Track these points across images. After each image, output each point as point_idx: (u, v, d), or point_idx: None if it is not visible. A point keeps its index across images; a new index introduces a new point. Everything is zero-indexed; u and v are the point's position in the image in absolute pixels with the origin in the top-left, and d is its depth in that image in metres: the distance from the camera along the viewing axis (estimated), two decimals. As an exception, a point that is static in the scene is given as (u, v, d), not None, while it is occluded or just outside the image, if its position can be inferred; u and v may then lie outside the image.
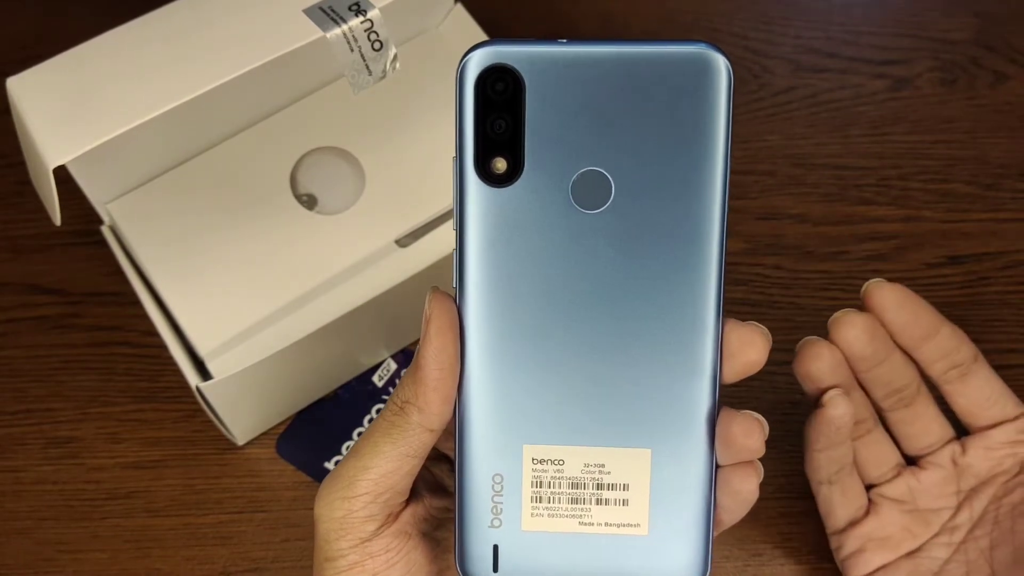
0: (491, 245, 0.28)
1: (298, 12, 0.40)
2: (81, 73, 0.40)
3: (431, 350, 0.28)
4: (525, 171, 0.27)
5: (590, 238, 0.28)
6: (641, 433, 0.29)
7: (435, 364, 0.28)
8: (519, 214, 0.28)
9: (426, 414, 0.28)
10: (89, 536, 0.46)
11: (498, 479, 0.29)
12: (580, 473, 0.29)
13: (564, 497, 0.29)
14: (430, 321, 0.28)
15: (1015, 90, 0.57)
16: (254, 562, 0.46)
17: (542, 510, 0.29)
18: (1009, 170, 0.55)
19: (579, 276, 0.28)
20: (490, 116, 0.27)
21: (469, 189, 0.28)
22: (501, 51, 0.27)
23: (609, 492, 0.29)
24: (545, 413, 0.29)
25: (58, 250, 0.53)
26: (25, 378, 0.50)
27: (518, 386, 0.28)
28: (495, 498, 0.29)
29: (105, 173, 0.46)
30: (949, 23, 0.60)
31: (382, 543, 0.30)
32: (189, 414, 0.49)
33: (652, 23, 0.60)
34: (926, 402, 0.39)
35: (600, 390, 0.28)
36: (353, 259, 0.47)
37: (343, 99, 0.50)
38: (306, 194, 0.49)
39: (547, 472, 0.29)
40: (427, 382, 0.28)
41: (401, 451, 0.29)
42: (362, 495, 0.29)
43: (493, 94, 0.27)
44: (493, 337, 0.28)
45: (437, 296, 0.28)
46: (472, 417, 0.29)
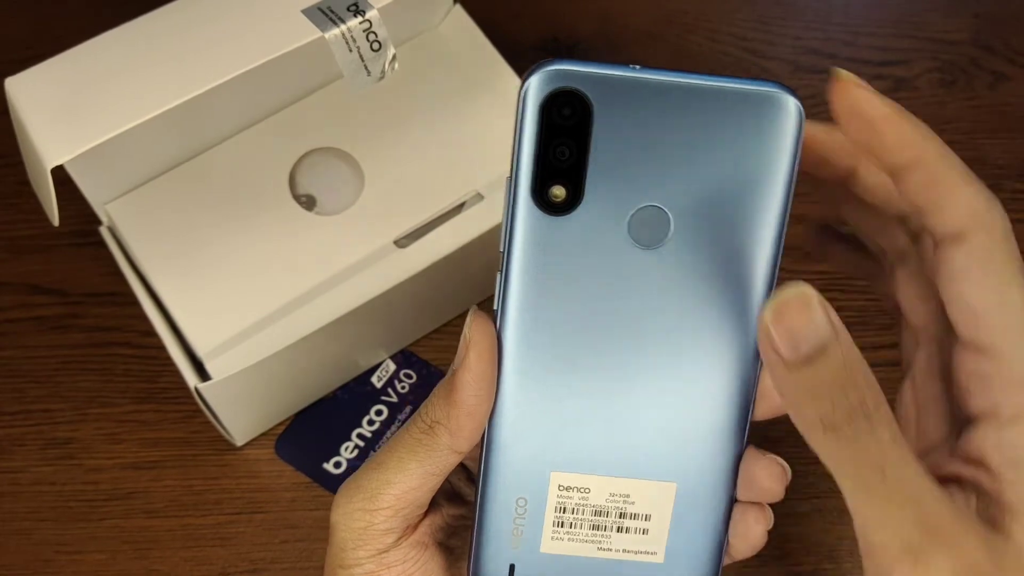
0: (539, 272, 0.27)
1: (297, 12, 0.40)
2: (80, 73, 0.40)
3: (470, 377, 0.27)
4: (584, 202, 0.26)
5: (640, 275, 0.27)
6: (669, 467, 0.29)
7: (472, 391, 0.27)
8: (572, 245, 0.26)
9: (457, 438, 0.28)
10: (88, 537, 0.46)
11: (522, 502, 0.29)
12: (604, 502, 0.29)
13: (586, 523, 0.29)
14: (471, 346, 0.27)
15: (1014, 91, 0.57)
16: (253, 563, 0.46)
17: (562, 534, 0.29)
18: (1008, 171, 0.55)
19: (623, 310, 0.27)
20: (553, 142, 0.26)
21: (522, 215, 0.26)
22: (570, 73, 0.25)
23: (631, 521, 0.29)
24: (576, 442, 0.28)
25: (57, 251, 0.53)
26: (24, 378, 0.50)
27: (551, 413, 0.28)
28: (516, 520, 0.29)
29: (104, 174, 0.46)
30: (948, 24, 0.60)
31: (399, 554, 0.30)
32: (188, 415, 0.49)
33: (652, 23, 0.60)
34: None
35: (633, 423, 0.28)
36: (352, 260, 0.47)
37: (342, 100, 0.50)
38: (305, 195, 0.49)
39: (572, 499, 0.29)
40: (462, 407, 0.28)
41: (427, 470, 0.29)
42: (384, 509, 0.29)
43: (559, 119, 0.25)
44: (530, 363, 0.28)
45: (479, 320, 0.27)
46: (502, 440, 0.28)
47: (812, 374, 0.23)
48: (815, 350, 0.23)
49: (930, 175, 0.26)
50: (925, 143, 0.26)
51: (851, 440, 0.23)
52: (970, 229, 0.25)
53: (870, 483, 0.23)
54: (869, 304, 0.50)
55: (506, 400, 0.28)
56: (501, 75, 0.50)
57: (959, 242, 0.25)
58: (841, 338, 0.23)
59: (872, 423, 0.23)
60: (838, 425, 0.23)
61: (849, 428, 0.23)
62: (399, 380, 0.50)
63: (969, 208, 0.25)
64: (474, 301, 0.52)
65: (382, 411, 0.49)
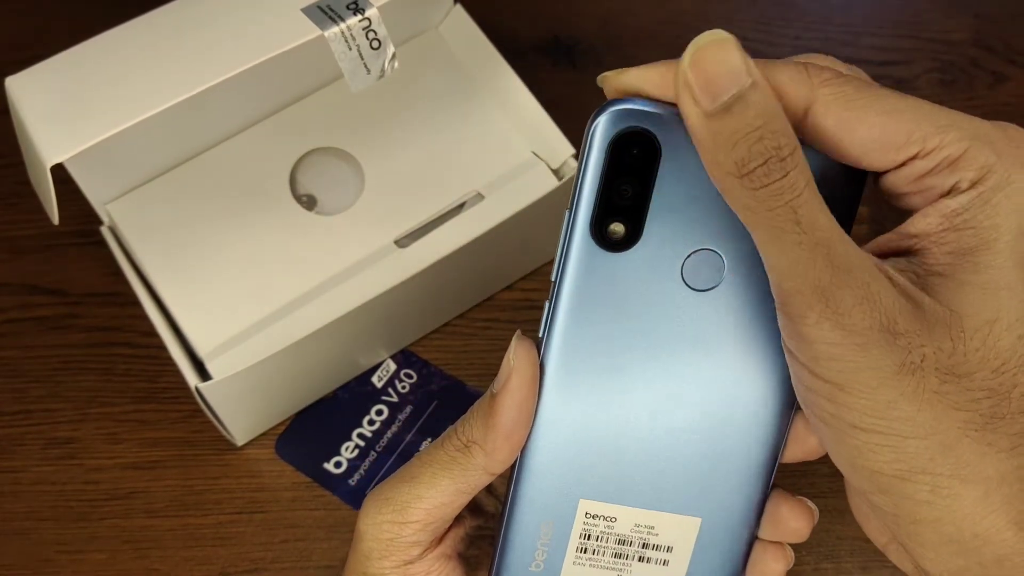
0: (588, 305, 0.27)
1: (296, 11, 0.40)
2: (80, 72, 0.40)
3: (511, 402, 0.28)
4: (641, 241, 0.26)
5: (688, 316, 0.27)
6: (696, 502, 0.29)
7: (512, 415, 0.28)
8: (625, 282, 0.27)
9: (492, 460, 0.28)
10: (88, 537, 0.46)
11: (547, 526, 0.29)
12: (629, 532, 0.29)
13: (609, 552, 0.30)
14: (514, 372, 0.27)
15: (1014, 91, 0.57)
16: (253, 563, 0.46)
17: (584, 560, 0.30)
18: (1009, 171, 0.55)
19: (666, 349, 0.27)
20: (618, 180, 0.26)
21: (578, 247, 0.26)
22: (642, 113, 0.25)
23: (653, 552, 0.30)
24: (608, 472, 0.29)
25: (57, 250, 0.53)
26: (24, 378, 0.50)
27: (586, 442, 0.28)
28: (541, 543, 0.29)
29: (104, 173, 0.46)
30: (948, 24, 0.60)
31: (424, 566, 0.30)
32: (188, 415, 0.49)
33: (652, 23, 0.60)
34: None
35: (666, 456, 0.28)
36: (352, 260, 0.47)
37: (342, 99, 0.50)
38: (305, 195, 0.49)
39: (597, 527, 0.29)
40: (500, 430, 0.28)
41: (459, 488, 0.29)
42: (413, 523, 0.29)
43: (627, 158, 0.26)
44: (570, 392, 0.28)
45: (523, 346, 0.28)
46: (535, 465, 0.29)
47: (730, 121, 0.23)
48: (734, 98, 0.23)
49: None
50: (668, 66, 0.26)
51: (765, 184, 0.23)
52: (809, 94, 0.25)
53: (784, 227, 0.23)
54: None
55: (542, 425, 0.28)
56: (501, 75, 0.50)
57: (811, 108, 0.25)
58: (759, 84, 0.23)
59: (786, 167, 0.23)
60: (753, 170, 0.23)
61: (765, 173, 0.23)
62: (399, 380, 0.50)
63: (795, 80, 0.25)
64: (474, 301, 0.52)
65: (382, 411, 0.49)
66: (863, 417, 0.24)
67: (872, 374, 0.24)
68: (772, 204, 0.23)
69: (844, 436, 0.25)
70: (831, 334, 0.23)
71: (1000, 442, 0.24)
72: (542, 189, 0.47)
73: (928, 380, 0.24)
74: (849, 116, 0.25)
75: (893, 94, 0.25)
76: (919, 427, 0.24)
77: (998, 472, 0.24)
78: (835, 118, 0.25)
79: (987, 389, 0.24)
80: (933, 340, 0.24)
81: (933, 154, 0.25)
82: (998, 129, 0.26)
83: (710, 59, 0.23)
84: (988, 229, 0.25)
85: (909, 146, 0.25)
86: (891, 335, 0.23)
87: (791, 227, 0.23)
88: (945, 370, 0.24)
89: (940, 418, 0.24)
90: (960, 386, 0.24)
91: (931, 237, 0.25)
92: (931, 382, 0.24)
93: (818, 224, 0.23)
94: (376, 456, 0.48)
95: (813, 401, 0.25)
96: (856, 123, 0.25)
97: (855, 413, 0.24)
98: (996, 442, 0.24)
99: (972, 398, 0.24)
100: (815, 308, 0.23)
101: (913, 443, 0.24)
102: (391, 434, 0.49)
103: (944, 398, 0.24)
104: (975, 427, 0.24)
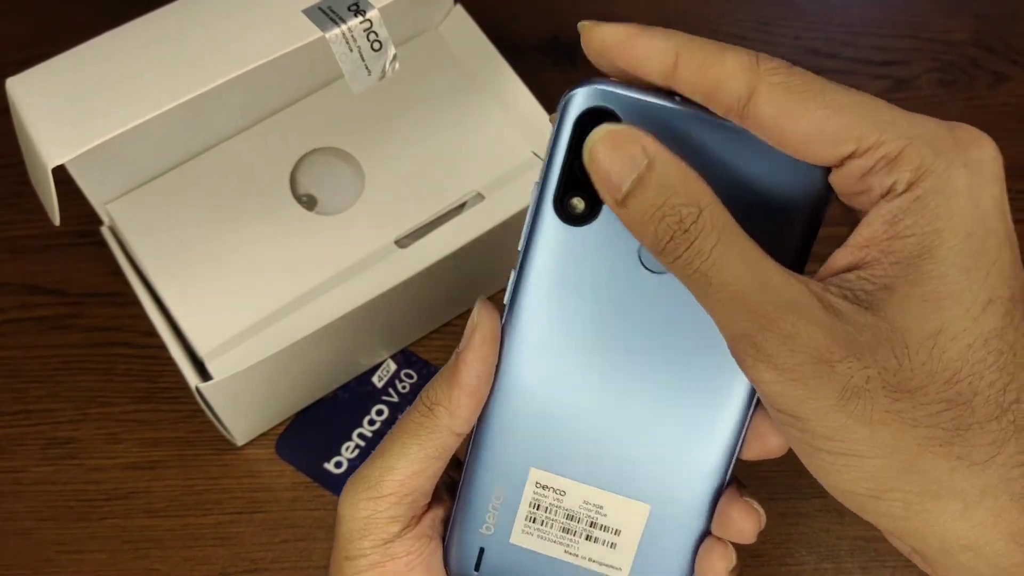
0: (550, 277, 0.28)
1: (297, 12, 0.40)
2: (80, 73, 0.40)
3: (473, 357, 0.28)
4: (600, 218, 0.27)
5: (646, 298, 0.28)
6: (646, 488, 0.29)
7: (474, 371, 0.28)
8: (585, 257, 0.27)
9: (456, 418, 0.29)
10: (88, 536, 0.46)
11: (500, 491, 0.30)
12: (578, 508, 0.30)
13: (557, 525, 0.30)
14: (476, 329, 0.28)
15: (1014, 91, 0.57)
16: (253, 563, 0.46)
17: (533, 530, 0.30)
18: (1009, 171, 0.55)
19: (625, 328, 0.28)
20: (581, 156, 0.26)
21: (543, 220, 0.27)
22: (610, 93, 0.26)
23: (600, 532, 0.30)
24: (560, 444, 0.29)
25: (58, 251, 0.53)
26: (24, 378, 0.50)
27: (541, 412, 0.29)
28: (492, 508, 0.30)
29: (105, 174, 0.46)
30: (948, 24, 0.60)
31: (404, 545, 0.30)
32: (188, 415, 0.49)
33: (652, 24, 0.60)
34: None
35: (618, 437, 0.29)
36: (353, 259, 0.47)
37: (343, 100, 0.50)
38: (306, 195, 0.49)
39: (547, 498, 0.30)
40: (463, 387, 0.28)
41: (427, 452, 0.29)
42: (388, 495, 0.29)
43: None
44: (529, 360, 0.29)
45: (486, 307, 0.29)
46: (491, 430, 0.29)
47: (635, 205, 0.24)
48: (633, 183, 0.24)
49: (694, 61, 0.26)
50: (671, 39, 0.26)
51: (677, 257, 0.24)
52: (752, 82, 0.25)
53: (704, 290, 0.24)
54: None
55: (501, 390, 0.29)
56: (501, 75, 0.50)
57: (752, 98, 0.25)
58: (654, 161, 0.24)
59: (690, 236, 0.24)
60: (665, 248, 0.24)
61: (673, 248, 0.24)
62: (400, 380, 0.50)
63: (740, 66, 0.25)
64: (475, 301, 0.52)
65: (383, 411, 0.49)
66: (824, 441, 0.24)
67: (817, 403, 0.24)
68: (686, 271, 0.24)
69: (813, 458, 0.25)
70: (767, 374, 0.24)
71: (973, 455, 0.24)
72: (542, 189, 0.47)
73: (877, 400, 0.24)
74: (791, 106, 0.25)
75: (841, 89, 0.25)
76: (878, 447, 0.24)
77: (976, 486, 0.24)
78: (776, 107, 0.25)
79: (944, 401, 0.24)
80: (877, 360, 0.24)
81: (871, 152, 0.25)
82: (944, 128, 0.25)
83: (602, 156, 0.24)
84: (929, 235, 0.24)
85: (848, 142, 0.25)
86: (827, 364, 0.23)
87: (707, 288, 0.24)
88: (894, 387, 0.24)
89: (898, 436, 0.24)
90: (914, 402, 0.24)
91: (878, 246, 0.25)
92: (881, 402, 0.24)
93: (730, 280, 0.24)
94: (376, 456, 0.48)
95: (780, 425, 0.25)
96: (797, 114, 0.25)
97: (817, 438, 0.24)
98: (967, 455, 0.24)
99: (929, 412, 0.24)
100: (749, 353, 0.24)
101: (875, 462, 0.24)
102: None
103: (899, 416, 0.24)
104: (939, 442, 0.24)
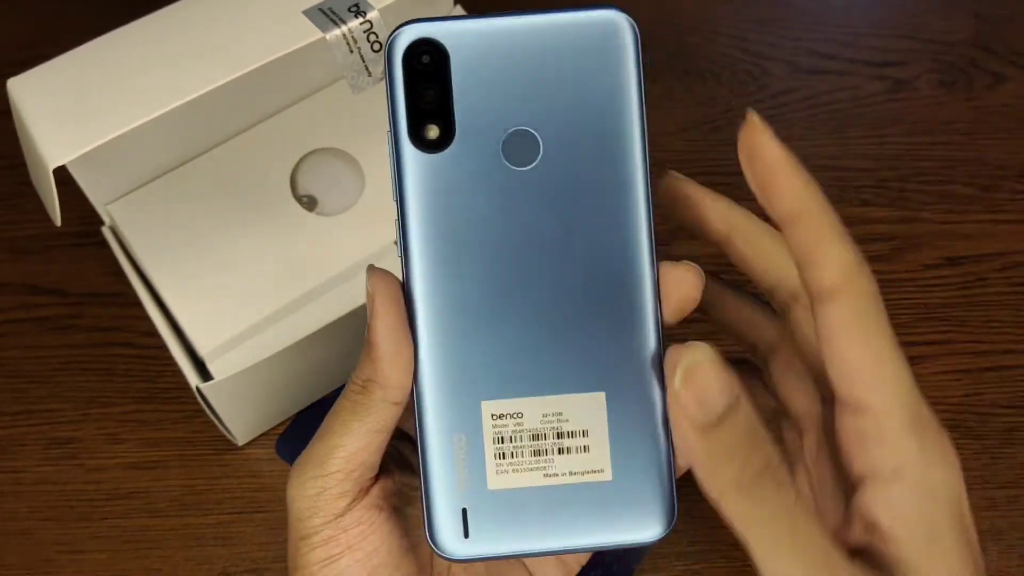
0: (431, 210, 0.28)
1: (297, 13, 0.40)
2: (81, 74, 0.40)
3: (381, 325, 0.28)
4: (457, 136, 0.28)
5: (525, 195, 0.29)
6: (593, 377, 0.29)
7: (388, 338, 0.28)
8: (455, 177, 0.29)
9: (389, 388, 0.29)
10: (89, 537, 0.47)
11: (459, 440, 0.29)
12: (539, 424, 0.29)
13: (527, 450, 0.29)
14: (374, 297, 0.28)
15: (1013, 92, 0.57)
16: (254, 562, 0.46)
17: (506, 466, 0.29)
18: (1007, 171, 0.55)
19: (519, 233, 0.29)
20: (419, 87, 0.29)
21: (405, 158, 0.29)
22: (426, 27, 0.28)
23: (569, 440, 0.29)
24: (499, 369, 0.29)
25: (58, 251, 0.53)
26: (25, 379, 0.50)
27: (470, 345, 0.29)
28: (458, 458, 0.29)
29: (106, 174, 0.47)
30: (947, 25, 0.60)
31: (354, 516, 0.30)
32: (189, 415, 0.49)
33: (651, 24, 0.60)
34: None
35: (549, 340, 0.29)
36: (353, 260, 0.47)
37: (343, 100, 0.50)
38: (306, 195, 0.49)
39: (507, 427, 0.29)
40: (384, 357, 0.28)
41: (369, 427, 0.29)
42: (335, 472, 0.29)
43: (420, 66, 0.28)
44: (441, 301, 0.29)
45: (376, 272, 0.29)
46: (427, 383, 0.29)
47: (723, 436, 0.24)
48: (725, 412, 0.24)
49: (811, 229, 0.27)
50: (810, 196, 0.27)
51: (762, 500, 0.24)
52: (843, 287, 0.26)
53: (781, 541, 0.24)
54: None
55: (424, 342, 0.29)
56: (501, 76, 0.50)
57: (833, 299, 0.26)
58: (743, 399, 0.24)
59: (778, 483, 0.24)
60: (749, 485, 0.24)
61: (760, 488, 0.24)
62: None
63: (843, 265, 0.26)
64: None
65: (383, 411, 0.49)
66: None
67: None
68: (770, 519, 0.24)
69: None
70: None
71: None
72: (542, 190, 0.47)
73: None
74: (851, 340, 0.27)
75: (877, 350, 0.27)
76: None
77: None
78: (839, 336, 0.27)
79: None
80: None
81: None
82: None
83: (701, 377, 0.25)
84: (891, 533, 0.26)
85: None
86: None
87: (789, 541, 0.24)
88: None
89: None
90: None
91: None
92: None
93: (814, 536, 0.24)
94: (376, 456, 0.48)
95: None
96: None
97: None
98: None
99: None
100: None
101: None
102: (391, 434, 0.49)
103: None
104: None
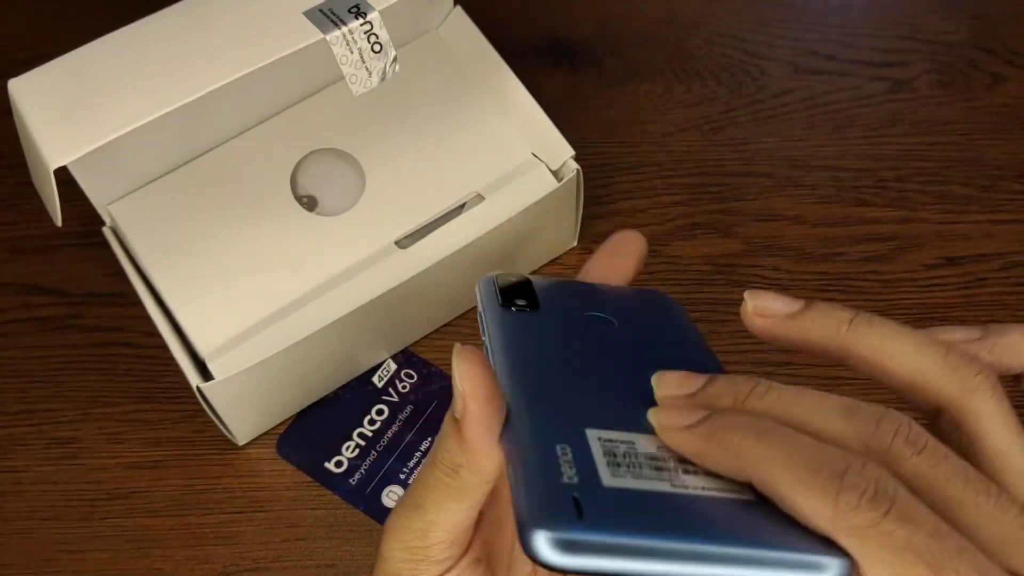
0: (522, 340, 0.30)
1: (298, 14, 0.40)
2: (82, 75, 0.40)
3: (476, 425, 0.26)
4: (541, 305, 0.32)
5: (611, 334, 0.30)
6: None
7: (484, 436, 0.27)
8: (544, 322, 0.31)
9: (483, 475, 0.28)
10: (90, 536, 0.47)
11: (564, 450, 0.25)
12: (656, 451, 0.26)
13: (646, 466, 0.25)
14: (468, 398, 0.26)
15: (1012, 92, 0.57)
16: (255, 562, 0.46)
17: (624, 472, 0.25)
18: (1006, 172, 0.55)
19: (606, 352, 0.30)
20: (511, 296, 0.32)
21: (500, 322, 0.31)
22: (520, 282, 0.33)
23: (693, 466, 0.25)
24: (604, 414, 0.26)
25: (59, 251, 0.53)
26: (26, 378, 0.50)
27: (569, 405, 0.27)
28: (562, 461, 0.25)
29: (106, 175, 0.47)
30: (946, 25, 0.60)
31: (455, 573, 0.30)
32: (190, 414, 0.49)
33: (651, 25, 0.60)
34: None
35: (641, 396, 0.27)
36: (353, 260, 0.47)
37: (343, 101, 0.50)
38: (306, 195, 0.49)
39: (619, 448, 0.25)
40: (477, 452, 0.27)
41: (464, 505, 0.29)
42: (436, 544, 0.29)
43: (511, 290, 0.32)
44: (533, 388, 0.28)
45: (467, 364, 0.26)
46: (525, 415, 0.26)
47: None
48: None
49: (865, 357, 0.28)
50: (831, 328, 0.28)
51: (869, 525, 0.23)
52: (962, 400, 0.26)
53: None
54: (867, 304, 0.50)
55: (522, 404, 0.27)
56: (501, 76, 0.50)
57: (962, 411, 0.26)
58: None
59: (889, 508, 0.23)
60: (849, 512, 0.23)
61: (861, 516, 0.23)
62: (400, 380, 0.50)
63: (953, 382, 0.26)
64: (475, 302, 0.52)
65: (383, 410, 0.49)
66: None
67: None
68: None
69: None
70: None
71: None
72: (542, 190, 0.47)
73: None
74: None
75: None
76: None
77: None
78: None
79: None
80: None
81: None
82: None
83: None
84: None
85: None
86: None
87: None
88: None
89: None
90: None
91: None
92: None
93: None
94: (376, 456, 0.48)
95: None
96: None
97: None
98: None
99: None
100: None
101: None
102: (392, 434, 0.49)
103: None
104: None
